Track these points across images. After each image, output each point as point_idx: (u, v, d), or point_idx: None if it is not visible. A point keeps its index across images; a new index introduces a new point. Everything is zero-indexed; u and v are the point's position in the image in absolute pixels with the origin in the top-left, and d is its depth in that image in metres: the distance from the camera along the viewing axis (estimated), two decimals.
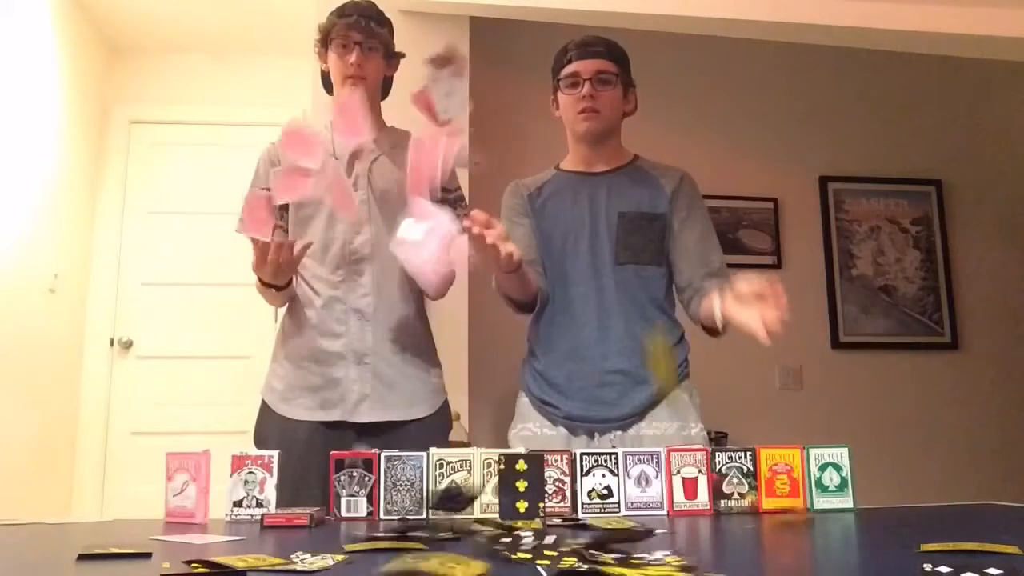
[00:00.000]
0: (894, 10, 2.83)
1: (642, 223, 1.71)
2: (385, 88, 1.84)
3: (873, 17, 2.85)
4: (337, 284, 1.70)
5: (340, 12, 1.73)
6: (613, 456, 1.28)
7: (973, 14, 2.77)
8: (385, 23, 1.76)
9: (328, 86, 1.80)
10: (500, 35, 3.53)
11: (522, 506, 1.23)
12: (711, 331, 1.62)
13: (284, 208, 1.76)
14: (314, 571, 0.75)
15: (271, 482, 1.24)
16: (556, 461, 1.27)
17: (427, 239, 1.45)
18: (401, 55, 1.80)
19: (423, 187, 1.49)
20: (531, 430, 1.70)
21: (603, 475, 1.27)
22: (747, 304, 1.40)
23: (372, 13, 1.73)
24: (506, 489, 1.23)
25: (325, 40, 1.74)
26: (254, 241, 1.55)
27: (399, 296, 1.72)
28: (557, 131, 1.83)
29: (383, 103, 1.87)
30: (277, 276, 1.60)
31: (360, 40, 1.70)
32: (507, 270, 1.53)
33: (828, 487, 1.28)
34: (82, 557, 0.84)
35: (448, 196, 1.80)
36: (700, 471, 1.28)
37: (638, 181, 1.76)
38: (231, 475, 1.24)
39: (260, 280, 1.64)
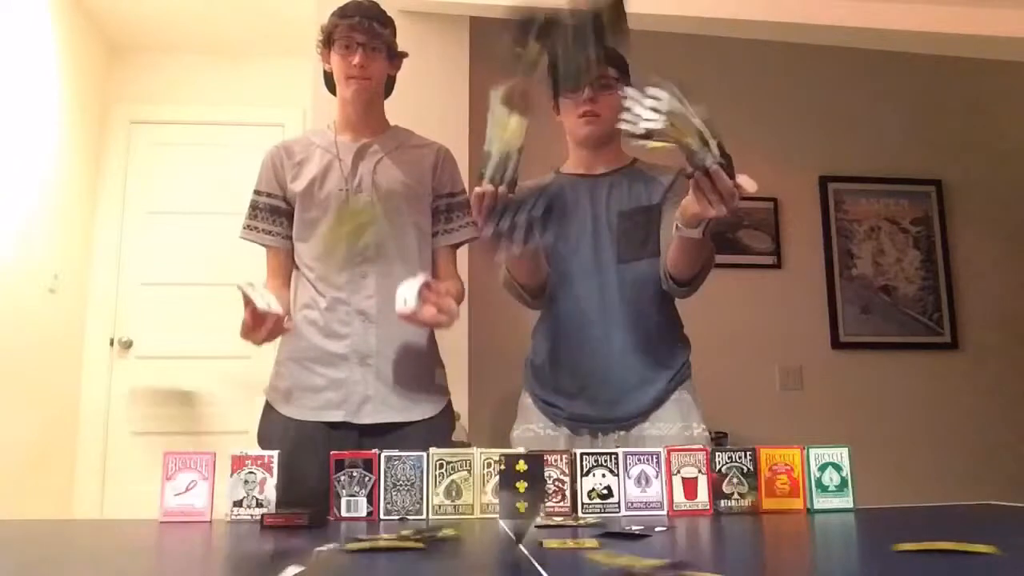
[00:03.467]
0: (894, 10, 2.83)
1: (640, 218, 1.71)
2: (388, 87, 1.83)
3: (873, 17, 2.85)
4: (342, 286, 1.70)
5: (343, 12, 1.72)
6: (613, 456, 1.29)
7: (973, 14, 2.77)
8: (388, 23, 1.76)
9: (331, 86, 1.80)
10: (500, 35, 3.52)
11: (522, 506, 1.23)
12: (684, 259, 1.56)
13: (287, 216, 1.76)
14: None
15: (271, 482, 1.24)
16: (556, 461, 1.27)
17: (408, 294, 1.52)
18: (404, 54, 1.80)
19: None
20: (534, 430, 1.71)
21: (603, 475, 1.27)
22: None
23: (375, 13, 1.73)
24: (506, 489, 1.23)
25: (328, 40, 1.74)
26: (247, 303, 1.54)
27: None
28: (557, 133, 1.83)
29: (385, 102, 1.87)
30: (263, 343, 1.61)
31: (363, 41, 1.69)
32: None
33: (828, 487, 1.28)
34: (347, 551, 0.85)
35: (453, 201, 1.80)
36: (700, 471, 1.28)
37: (638, 180, 1.76)
38: (231, 475, 1.24)
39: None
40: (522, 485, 1.24)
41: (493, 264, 1.62)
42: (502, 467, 1.24)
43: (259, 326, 1.54)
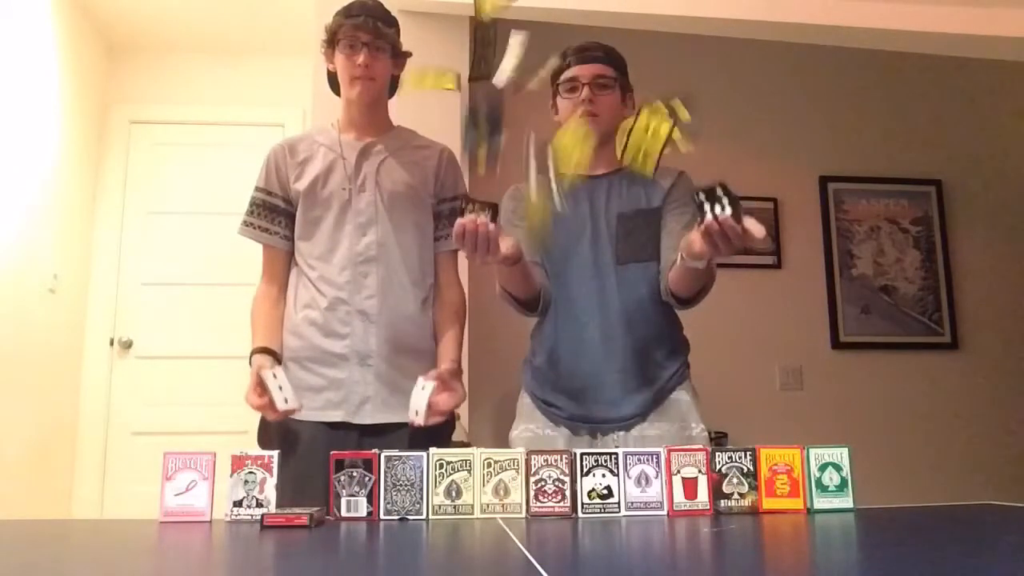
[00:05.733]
0: (894, 10, 2.84)
1: (640, 221, 1.71)
2: (392, 87, 1.83)
3: (873, 17, 2.86)
4: (343, 286, 1.69)
5: (347, 12, 1.72)
6: (613, 456, 1.28)
7: (973, 14, 2.78)
8: (392, 23, 1.75)
9: (334, 86, 1.80)
10: (500, 35, 3.52)
11: None
12: (687, 282, 1.59)
13: (285, 215, 1.75)
14: None
15: (271, 482, 1.24)
16: (556, 461, 1.27)
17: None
18: (408, 54, 1.80)
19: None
20: (533, 431, 1.70)
21: (603, 475, 1.27)
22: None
23: (379, 13, 1.73)
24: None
25: (332, 40, 1.73)
26: (258, 386, 1.57)
27: (403, 298, 1.72)
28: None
29: (389, 101, 1.86)
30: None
31: (368, 40, 1.69)
32: (507, 264, 1.53)
33: (828, 487, 1.28)
34: None
35: (455, 205, 1.79)
36: (700, 471, 1.28)
37: (637, 182, 1.76)
38: (231, 475, 1.24)
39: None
40: None
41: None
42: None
43: (272, 412, 1.58)
